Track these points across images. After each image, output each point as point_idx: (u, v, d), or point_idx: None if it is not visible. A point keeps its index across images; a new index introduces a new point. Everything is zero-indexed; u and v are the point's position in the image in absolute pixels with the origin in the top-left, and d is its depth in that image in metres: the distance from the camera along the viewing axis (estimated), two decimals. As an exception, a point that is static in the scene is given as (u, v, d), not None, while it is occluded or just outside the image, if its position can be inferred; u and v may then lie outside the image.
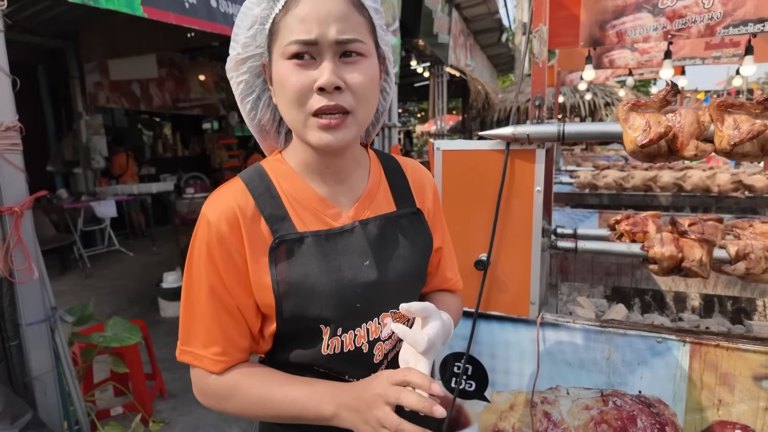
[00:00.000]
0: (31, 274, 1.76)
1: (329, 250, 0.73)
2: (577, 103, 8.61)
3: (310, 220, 0.74)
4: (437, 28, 6.70)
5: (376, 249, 0.76)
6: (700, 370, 1.17)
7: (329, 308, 0.71)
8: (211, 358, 0.72)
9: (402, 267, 0.78)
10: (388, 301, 0.76)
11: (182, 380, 3.04)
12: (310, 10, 0.65)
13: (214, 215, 0.70)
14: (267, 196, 0.73)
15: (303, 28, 0.64)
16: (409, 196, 0.84)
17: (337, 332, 0.73)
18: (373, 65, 0.70)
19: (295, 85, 0.65)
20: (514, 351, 1.37)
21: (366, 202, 0.79)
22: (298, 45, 0.65)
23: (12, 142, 1.72)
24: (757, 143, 1.00)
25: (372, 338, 0.76)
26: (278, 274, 0.70)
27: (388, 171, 0.85)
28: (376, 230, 0.77)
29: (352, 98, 0.67)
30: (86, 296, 4.63)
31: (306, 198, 0.75)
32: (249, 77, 0.76)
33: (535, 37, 1.15)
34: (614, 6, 2.76)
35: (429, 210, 0.87)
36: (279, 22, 0.67)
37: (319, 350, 0.73)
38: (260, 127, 0.80)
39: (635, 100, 1.09)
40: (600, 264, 1.92)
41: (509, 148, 1.25)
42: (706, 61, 4.13)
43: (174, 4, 2.23)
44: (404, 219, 0.82)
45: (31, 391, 1.80)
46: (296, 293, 0.70)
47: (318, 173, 0.76)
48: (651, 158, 1.10)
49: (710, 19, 2.59)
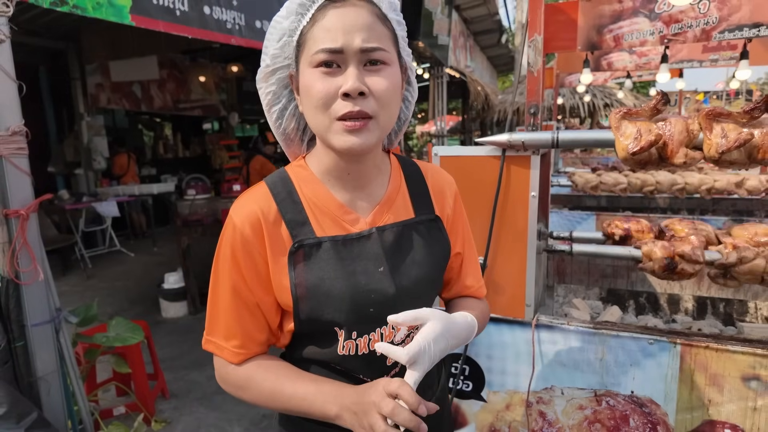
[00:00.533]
0: (37, 276, 1.79)
1: (345, 255, 0.75)
2: (576, 105, 8.64)
3: (328, 225, 0.77)
4: (437, 29, 6.74)
5: (391, 256, 0.78)
6: (690, 371, 1.20)
7: (343, 312, 0.74)
8: (230, 349, 0.77)
9: (416, 273, 0.79)
10: (402, 307, 0.77)
11: (184, 380, 3.07)
12: (336, 20, 0.68)
13: (239, 219, 0.75)
14: (289, 202, 0.76)
15: (329, 37, 0.68)
16: (428, 202, 0.86)
17: (351, 335, 0.76)
18: (396, 73, 0.73)
19: (321, 91, 0.68)
20: (510, 352, 1.41)
21: (384, 208, 0.81)
22: (325, 53, 0.68)
23: (18, 146, 1.75)
24: (744, 151, 1.03)
25: (386, 342, 0.78)
26: (296, 276, 0.74)
27: (409, 177, 0.87)
28: (393, 237, 0.79)
29: (375, 104, 0.69)
30: (88, 296, 4.66)
31: (326, 203, 0.78)
32: (276, 88, 0.80)
33: (530, 47, 1.18)
34: (611, 11, 2.80)
35: (448, 215, 0.89)
36: (306, 33, 0.71)
37: (335, 350, 0.77)
38: (285, 135, 0.84)
39: (627, 109, 1.12)
40: (596, 266, 1.95)
41: (505, 155, 1.28)
42: (703, 63, 4.17)
43: (163, 12, 2.25)
44: (422, 226, 0.83)
45: (36, 391, 1.83)
46: (312, 296, 0.74)
47: (339, 179, 0.78)
48: (642, 165, 1.13)
49: (706, 23, 2.63)
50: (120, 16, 2.05)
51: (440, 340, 0.69)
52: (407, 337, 0.78)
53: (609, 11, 2.81)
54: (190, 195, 4.39)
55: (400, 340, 0.78)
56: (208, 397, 2.87)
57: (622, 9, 2.79)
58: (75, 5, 1.86)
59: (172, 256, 5.50)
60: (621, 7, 2.78)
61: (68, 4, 1.84)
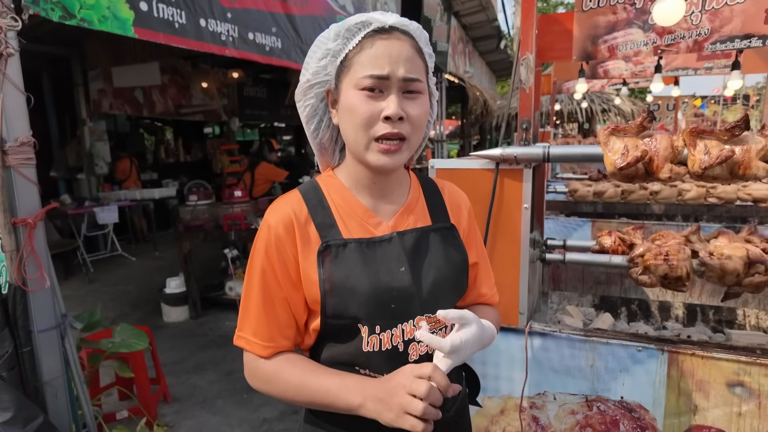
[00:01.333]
0: (44, 282, 1.84)
1: (369, 256, 0.83)
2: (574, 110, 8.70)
3: (354, 227, 0.85)
4: (436, 36, 6.80)
5: (411, 257, 0.85)
6: (677, 378, 1.24)
7: (367, 307, 0.80)
8: (260, 343, 0.83)
9: (434, 275, 0.86)
10: (423, 306, 0.85)
11: (185, 384, 3.11)
12: (384, 50, 0.77)
13: (274, 220, 0.83)
14: (319, 207, 0.85)
15: (377, 64, 0.77)
16: (445, 213, 0.94)
17: (375, 330, 0.82)
18: (427, 101, 0.84)
19: (365, 112, 0.77)
20: (504, 358, 1.45)
21: (405, 215, 0.89)
22: (372, 79, 0.77)
23: (26, 156, 1.80)
24: (726, 167, 1.08)
25: (407, 338, 0.84)
26: (324, 273, 0.81)
27: (427, 190, 0.96)
28: (413, 241, 0.86)
29: (409, 127, 0.80)
30: (90, 301, 4.70)
31: (353, 208, 0.86)
32: (315, 101, 0.88)
33: (522, 65, 1.23)
34: (606, 22, 2.85)
35: (464, 228, 0.97)
36: (352, 57, 0.79)
37: (360, 347, 0.82)
38: (321, 145, 0.93)
39: (615, 126, 1.17)
40: (590, 273, 1.99)
41: (499, 168, 1.33)
42: (698, 71, 4.22)
43: (164, 24, 2.32)
44: (438, 232, 0.91)
45: (42, 396, 1.87)
46: (339, 292, 0.80)
47: (366, 187, 0.87)
48: (630, 179, 1.18)
49: (698, 35, 2.68)
50: (124, 28, 2.11)
51: (475, 343, 0.79)
52: (432, 334, 0.85)
53: (603, 22, 2.86)
54: (192, 200, 4.43)
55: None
56: (210, 401, 2.90)
57: (616, 20, 2.85)
58: (82, 18, 1.92)
59: (173, 260, 5.54)
60: (615, 18, 2.84)
61: (76, 17, 1.90)
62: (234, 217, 4.18)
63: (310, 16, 3.51)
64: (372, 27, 0.79)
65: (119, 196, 6.77)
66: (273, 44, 3.12)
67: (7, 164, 1.74)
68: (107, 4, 2.02)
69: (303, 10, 3.45)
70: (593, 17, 2.88)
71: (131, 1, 2.12)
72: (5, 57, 1.71)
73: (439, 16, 6.89)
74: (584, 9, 2.90)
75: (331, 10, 3.77)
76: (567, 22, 2.96)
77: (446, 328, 0.89)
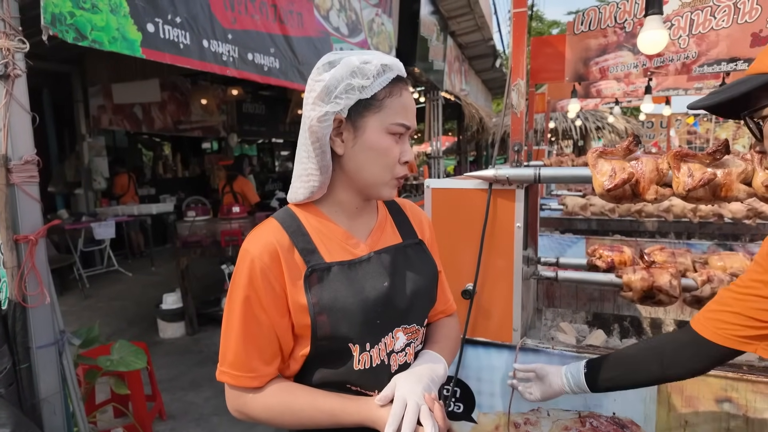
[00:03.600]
0: (44, 299, 1.85)
1: (353, 276, 0.87)
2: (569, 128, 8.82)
3: (335, 250, 0.88)
4: (433, 55, 6.93)
5: (391, 273, 0.90)
6: (667, 394, 1.27)
7: (357, 325, 0.84)
8: (248, 376, 0.84)
9: (412, 288, 0.92)
10: (401, 318, 0.91)
11: (181, 402, 3.10)
12: (409, 102, 0.88)
13: (256, 249, 0.84)
14: (299, 233, 0.88)
15: (408, 116, 0.87)
16: (411, 229, 1.02)
17: (365, 347, 0.86)
18: None
19: (395, 155, 0.87)
20: (498, 375, 1.47)
21: (378, 233, 0.95)
22: (403, 128, 0.86)
23: (30, 174, 1.83)
24: (708, 189, 1.12)
25: (389, 350, 0.89)
26: (312, 297, 0.83)
27: (391, 210, 1.03)
28: (389, 258, 0.92)
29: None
30: (85, 316, 4.68)
31: (332, 232, 0.90)
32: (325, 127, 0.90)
33: (513, 90, 1.28)
34: (597, 44, 2.94)
35: (428, 240, 1.05)
36: (383, 99, 0.85)
37: (351, 366, 0.86)
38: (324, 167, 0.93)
39: (602, 149, 1.22)
40: (583, 290, 2.03)
41: (492, 188, 1.37)
42: (688, 92, 4.32)
43: (169, 45, 2.39)
44: (410, 249, 0.98)
45: (39, 413, 1.87)
46: (329, 314, 0.83)
47: (345, 211, 0.92)
48: (617, 200, 1.22)
49: (686, 58, 2.77)
50: (132, 49, 2.17)
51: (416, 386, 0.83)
52: (407, 346, 0.92)
53: (595, 45, 2.96)
54: (190, 216, 4.46)
55: (400, 348, 0.91)
56: (205, 418, 2.89)
57: (607, 43, 2.94)
58: (94, 40, 1.98)
59: (170, 276, 5.54)
60: (606, 41, 2.93)
61: (88, 39, 1.96)
62: (231, 232, 4.20)
63: (306, 38, 3.59)
64: (395, 73, 0.86)
65: (117, 211, 6.78)
66: (271, 64, 3.19)
67: (11, 182, 1.77)
68: (116, 26, 2.08)
69: (299, 31, 3.53)
70: (584, 40, 2.97)
71: (139, 23, 2.19)
72: (12, 78, 1.76)
73: (436, 36, 7.04)
74: (576, 32, 3.00)
75: (325, 32, 3.86)
76: (559, 44, 3.06)
77: (419, 338, 0.96)
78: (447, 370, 0.93)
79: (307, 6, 3.64)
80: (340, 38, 4.03)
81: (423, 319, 0.97)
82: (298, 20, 3.54)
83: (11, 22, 1.73)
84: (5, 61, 1.72)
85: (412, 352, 0.94)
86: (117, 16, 2.10)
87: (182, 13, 2.46)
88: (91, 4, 1.99)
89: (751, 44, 2.64)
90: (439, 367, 0.91)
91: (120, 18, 2.11)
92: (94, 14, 2.01)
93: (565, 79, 2.97)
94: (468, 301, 1.46)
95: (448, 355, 0.98)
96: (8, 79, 1.74)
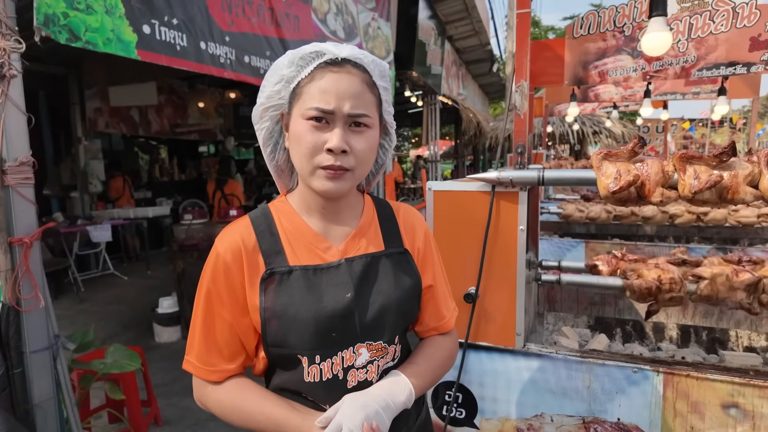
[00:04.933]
0: (38, 303, 1.82)
1: (315, 283, 0.83)
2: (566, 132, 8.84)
3: (303, 253, 0.85)
4: (430, 59, 6.94)
5: (358, 284, 0.84)
6: (673, 399, 1.25)
7: (307, 336, 0.81)
8: (206, 369, 0.84)
9: (381, 301, 0.85)
10: (365, 333, 0.84)
11: (177, 407, 3.06)
12: (331, 84, 0.79)
13: (222, 247, 0.84)
14: (267, 233, 0.85)
15: (323, 98, 0.78)
16: (398, 237, 0.93)
17: (315, 360, 0.82)
18: (375, 134, 0.85)
19: (310, 142, 0.79)
20: (501, 380, 1.45)
21: (356, 238, 0.89)
22: (317, 111, 0.78)
23: (25, 176, 1.80)
24: (715, 191, 1.11)
25: (346, 365, 0.84)
26: (265, 301, 0.81)
27: (381, 214, 0.95)
28: (361, 267, 0.86)
29: (353, 160, 0.81)
30: (80, 321, 4.63)
31: (302, 233, 0.87)
32: (270, 124, 0.89)
33: (516, 92, 1.27)
34: (596, 48, 2.94)
35: (419, 249, 0.95)
36: (303, 86, 0.81)
37: (302, 377, 0.83)
38: (278, 167, 0.94)
39: (607, 150, 1.20)
40: (585, 294, 2.01)
41: (495, 190, 1.36)
42: (686, 96, 4.34)
43: (166, 47, 2.37)
44: (390, 258, 0.90)
45: (32, 419, 1.84)
46: (278, 321, 0.81)
47: (316, 211, 0.88)
48: (622, 203, 1.20)
49: (685, 61, 2.77)
50: (127, 51, 2.15)
51: (358, 412, 0.76)
52: (369, 363, 0.85)
53: (594, 48, 2.96)
54: (186, 220, 4.43)
55: (361, 364, 0.85)
56: (202, 423, 2.85)
57: (606, 46, 2.94)
58: (87, 41, 1.96)
59: (166, 279, 5.49)
60: (605, 45, 2.93)
61: (81, 39, 1.94)
62: (229, 236, 4.17)
63: (302, 41, 3.59)
64: (324, 58, 0.81)
65: (113, 214, 6.73)
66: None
67: (6, 184, 1.75)
68: (111, 27, 2.06)
69: (295, 34, 3.53)
70: (584, 44, 2.97)
71: (134, 24, 2.17)
72: (8, 78, 1.74)
73: (434, 41, 7.05)
74: (575, 36, 3.00)
75: (322, 35, 3.85)
76: (558, 48, 3.06)
77: (387, 355, 0.88)
78: (413, 396, 0.85)
79: (304, 9, 3.64)
80: (337, 41, 4.03)
81: (393, 335, 0.88)
82: (295, 23, 3.53)
83: (7, 21, 1.71)
84: (1, 61, 1.69)
85: (375, 370, 0.86)
86: (112, 18, 2.08)
87: (179, 14, 2.44)
88: (86, 5, 1.97)
89: (750, 48, 2.65)
90: (400, 391, 0.83)
91: (115, 19, 2.09)
92: (89, 15, 1.99)
93: (565, 82, 2.96)
94: (470, 306, 1.44)
95: (423, 377, 0.89)
96: (4, 79, 1.72)
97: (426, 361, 0.93)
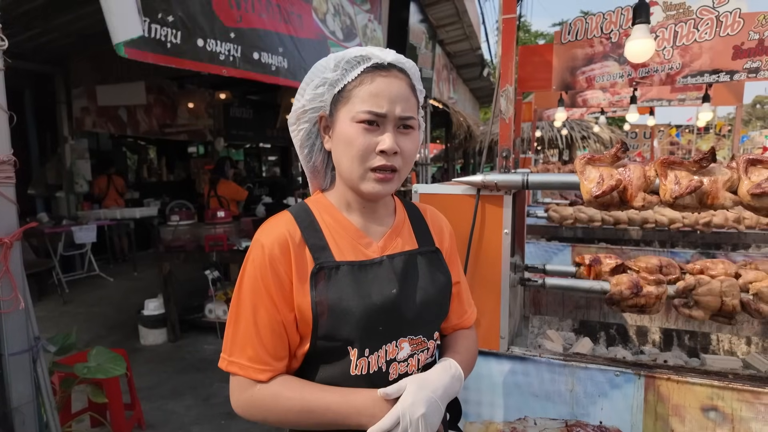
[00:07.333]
0: (17, 304, 1.79)
1: (361, 278, 0.84)
2: (555, 137, 8.92)
3: (346, 248, 0.87)
4: (421, 63, 6.96)
5: (401, 280, 0.87)
6: (653, 402, 1.26)
7: (358, 329, 0.81)
8: (256, 367, 0.81)
9: (422, 297, 0.89)
10: (408, 327, 0.87)
11: (161, 410, 3.02)
12: (383, 89, 0.82)
13: (268, 240, 0.83)
14: (311, 229, 0.87)
15: (376, 102, 0.81)
16: (429, 236, 0.98)
17: (364, 353, 0.83)
18: (418, 136, 0.88)
19: (362, 144, 0.81)
20: (485, 383, 1.45)
21: (393, 236, 0.92)
22: (371, 115, 0.81)
23: (6, 175, 1.77)
24: (695, 197, 1.12)
25: (389, 358, 0.85)
26: (317, 295, 0.82)
27: (411, 215, 1.00)
28: (402, 264, 0.89)
29: (401, 161, 0.84)
30: (64, 323, 4.56)
31: (344, 228, 0.89)
32: (309, 126, 0.92)
33: (502, 96, 1.28)
34: (584, 54, 2.98)
35: (447, 249, 1.00)
36: (352, 89, 0.83)
37: (348, 371, 0.83)
38: (314, 168, 0.96)
39: (591, 156, 1.21)
40: (570, 297, 2.03)
41: (480, 194, 1.36)
42: (672, 102, 4.40)
43: (155, 45, 2.32)
44: (424, 256, 0.94)
45: (11, 423, 1.80)
46: (331, 313, 0.81)
47: (355, 209, 0.90)
48: (605, 207, 1.22)
49: (670, 69, 2.81)
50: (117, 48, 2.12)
51: (420, 406, 0.77)
52: (410, 357, 0.87)
53: (581, 54, 3.00)
54: (173, 221, 4.38)
55: (403, 358, 0.86)
56: (186, 427, 2.82)
57: (593, 53, 2.98)
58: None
59: (152, 281, 5.43)
60: (592, 51, 2.97)
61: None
62: (216, 237, 4.13)
63: (307, 39, 3.57)
64: (371, 62, 0.83)
65: (99, 215, 6.65)
66: (279, 64, 3.13)
67: (-14, 183, 1.71)
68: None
69: (300, 33, 3.50)
70: (571, 50, 3.01)
71: (123, 21, 2.13)
72: (-11, 75, 1.71)
73: (425, 44, 7.08)
74: (563, 41, 3.03)
75: (323, 35, 3.84)
76: (547, 53, 3.09)
77: (428, 350, 0.91)
78: (461, 385, 0.88)
79: (305, 8, 3.62)
80: (336, 42, 4.02)
81: (432, 331, 0.92)
82: (299, 22, 3.50)
83: (-11, 18, 1.68)
84: (-19, 58, 1.66)
85: (415, 363, 0.89)
86: (104, 16, 2.04)
87: (177, 11, 2.40)
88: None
89: (733, 57, 2.70)
90: (456, 381, 0.86)
91: (106, 17, 2.06)
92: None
93: (553, 87, 2.99)
94: (455, 308, 1.44)
95: (468, 368, 0.94)
96: (-16, 76, 1.69)
97: (466, 352, 0.98)
